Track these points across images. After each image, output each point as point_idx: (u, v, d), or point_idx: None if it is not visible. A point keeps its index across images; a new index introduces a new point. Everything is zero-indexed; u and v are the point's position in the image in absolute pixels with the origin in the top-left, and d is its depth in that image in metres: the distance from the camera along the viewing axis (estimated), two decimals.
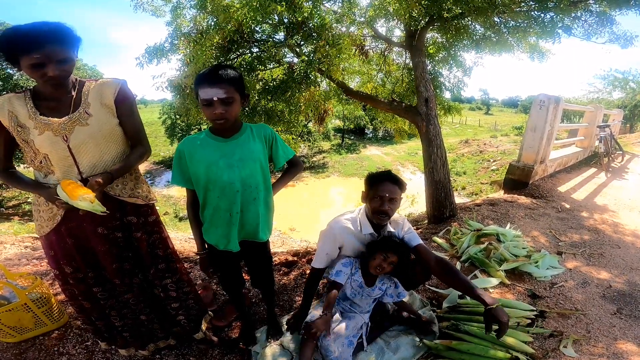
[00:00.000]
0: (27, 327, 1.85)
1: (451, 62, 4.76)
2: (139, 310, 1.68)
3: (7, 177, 1.44)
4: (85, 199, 1.25)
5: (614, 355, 1.81)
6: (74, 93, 1.39)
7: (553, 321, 2.05)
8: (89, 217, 1.40)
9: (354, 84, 5.39)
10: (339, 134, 27.34)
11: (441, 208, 3.87)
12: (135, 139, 1.51)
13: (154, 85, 3.69)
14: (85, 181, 1.36)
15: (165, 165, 22.38)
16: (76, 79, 1.40)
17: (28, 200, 10.32)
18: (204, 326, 1.93)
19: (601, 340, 1.93)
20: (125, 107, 1.46)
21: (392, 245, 1.72)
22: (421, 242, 1.83)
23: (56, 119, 1.34)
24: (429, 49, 4.60)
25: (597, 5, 3.24)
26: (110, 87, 1.43)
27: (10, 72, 13.28)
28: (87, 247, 1.49)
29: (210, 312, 2.06)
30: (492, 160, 16.07)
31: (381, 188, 1.71)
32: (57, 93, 1.36)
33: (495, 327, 1.52)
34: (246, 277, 2.73)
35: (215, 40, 3.23)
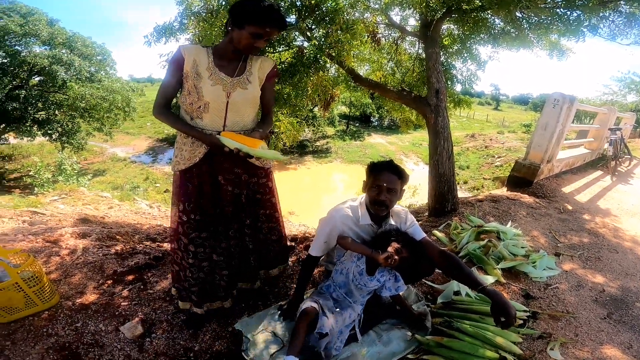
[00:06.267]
0: (17, 307, 1.79)
1: (465, 54, 4.62)
2: (234, 254, 1.93)
3: (168, 116, 1.65)
4: (265, 149, 1.50)
5: None
6: (241, 61, 1.67)
7: (544, 322, 2.08)
8: (222, 162, 1.71)
9: (362, 71, 5.30)
10: (344, 120, 27.12)
11: (443, 201, 3.86)
12: (268, 109, 1.85)
13: (160, 63, 3.65)
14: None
15: (169, 142, 22.36)
16: None
17: (30, 174, 10.27)
18: (275, 271, 2.20)
19: (587, 344, 1.95)
20: (272, 82, 1.80)
21: (405, 241, 1.70)
22: (425, 235, 1.83)
23: (228, 77, 1.62)
24: (443, 40, 4.47)
25: (628, 6, 3.11)
26: (270, 64, 1.76)
27: (18, 49, 13.40)
28: (205, 191, 1.74)
29: (290, 263, 2.37)
30: (496, 156, 15.96)
31: (380, 177, 1.69)
32: (235, 58, 1.65)
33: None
34: None
35: (225, 20, 3.16)
